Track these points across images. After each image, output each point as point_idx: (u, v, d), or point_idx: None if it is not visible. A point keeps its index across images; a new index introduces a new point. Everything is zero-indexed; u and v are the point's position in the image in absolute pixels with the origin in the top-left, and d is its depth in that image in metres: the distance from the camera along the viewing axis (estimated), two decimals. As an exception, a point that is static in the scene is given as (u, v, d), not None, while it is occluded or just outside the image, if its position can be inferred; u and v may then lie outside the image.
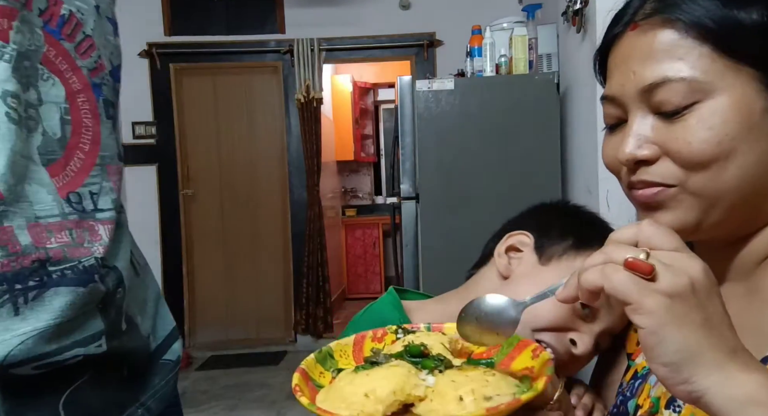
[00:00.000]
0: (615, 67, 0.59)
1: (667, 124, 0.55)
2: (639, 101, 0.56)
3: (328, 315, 4.55)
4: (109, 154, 0.65)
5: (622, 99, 0.57)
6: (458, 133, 2.74)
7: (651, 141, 0.56)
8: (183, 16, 4.47)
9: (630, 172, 0.58)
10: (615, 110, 0.60)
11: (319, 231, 4.51)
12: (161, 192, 4.52)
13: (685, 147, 0.53)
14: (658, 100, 0.54)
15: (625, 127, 0.58)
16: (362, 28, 4.45)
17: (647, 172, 0.56)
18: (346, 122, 6.17)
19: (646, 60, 0.55)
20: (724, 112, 0.52)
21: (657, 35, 0.55)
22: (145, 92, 4.47)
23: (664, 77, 0.53)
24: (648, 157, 0.56)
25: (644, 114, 0.56)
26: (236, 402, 3.51)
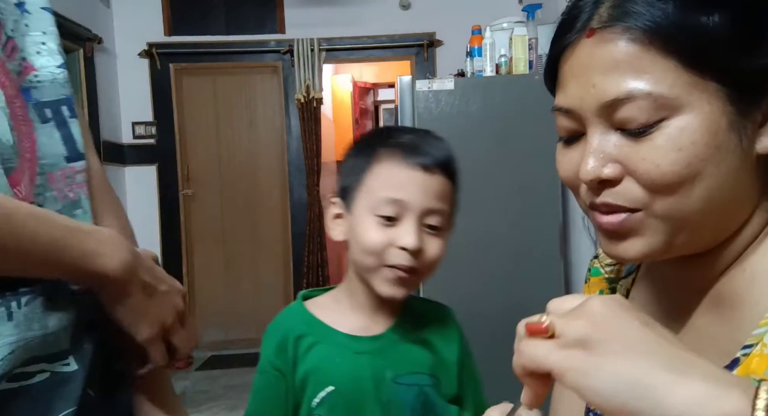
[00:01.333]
0: (571, 77, 0.53)
1: (631, 142, 0.50)
2: (599, 116, 0.51)
3: (328, 315, 4.54)
4: (50, 161, 0.60)
5: (580, 112, 0.53)
6: (458, 133, 2.74)
7: (614, 159, 0.51)
8: (183, 16, 4.47)
9: (592, 192, 0.53)
10: (570, 123, 0.55)
11: (319, 231, 4.51)
12: (161, 192, 4.52)
13: (653, 169, 0.49)
14: (621, 116, 0.50)
15: (583, 142, 0.54)
16: (362, 28, 4.45)
17: (611, 194, 0.52)
18: (346, 122, 6.17)
19: (607, 72, 0.50)
20: (693, 131, 0.49)
21: (618, 45, 0.50)
22: (145, 92, 4.47)
23: (628, 93, 0.49)
24: (612, 177, 0.51)
25: (605, 130, 0.52)
26: (236, 402, 3.51)
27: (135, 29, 4.42)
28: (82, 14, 3.92)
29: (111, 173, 4.25)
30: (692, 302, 0.57)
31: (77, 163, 0.63)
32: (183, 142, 4.54)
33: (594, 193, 0.53)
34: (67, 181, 0.61)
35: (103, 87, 4.17)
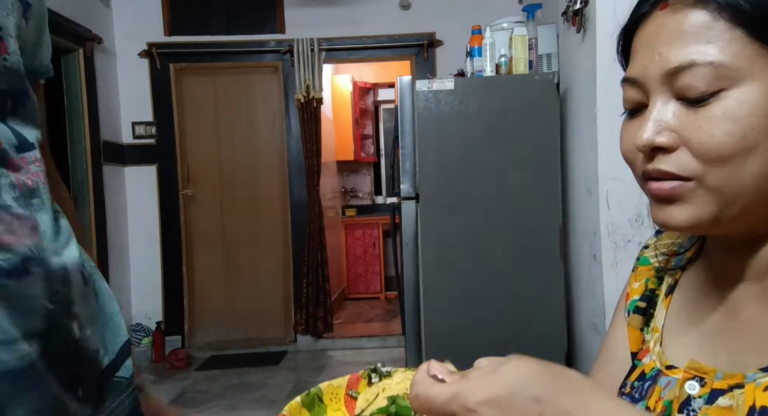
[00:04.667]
0: (640, 48, 0.55)
1: (689, 111, 0.51)
2: (662, 85, 0.53)
3: (328, 315, 4.55)
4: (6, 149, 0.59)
5: (645, 81, 0.54)
6: (458, 133, 2.74)
7: (671, 128, 0.52)
8: (183, 16, 4.47)
9: (646, 160, 0.54)
10: (636, 94, 0.56)
11: (319, 231, 4.50)
12: (161, 192, 4.51)
13: (708, 138, 0.50)
14: (682, 84, 0.51)
15: (645, 112, 0.55)
16: (362, 28, 4.45)
17: (664, 161, 0.53)
18: (346, 122, 6.17)
19: (673, 41, 0.52)
20: (751, 103, 0.49)
21: (687, 16, 0.51)
22: (145, 92, 4.47)
23: (691, 61, 0.50)
24: (666, 145, 0.52)
25: (666, 99, 0.53)
26: (236, 402, 3.51)
27: (135, 29, 4.42)
28: (82, 14, 3.92)
29: (111, 173, 4.25)
30: (741, 294, 0.57)
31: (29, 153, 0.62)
32: (183, 142, 4.54)
33: (647, 159, 0.54)
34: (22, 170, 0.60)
35: (103, 87, 4.17)
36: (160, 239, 4.52)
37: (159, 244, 4.52)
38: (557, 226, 2.73)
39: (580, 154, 2.55)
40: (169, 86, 4.48)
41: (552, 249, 2.71)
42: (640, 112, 0.56)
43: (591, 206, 2.36)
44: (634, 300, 0.70)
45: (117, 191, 4.34)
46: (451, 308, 2.76)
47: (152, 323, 4.43)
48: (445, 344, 2.72)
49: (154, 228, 4.51)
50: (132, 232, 4.48)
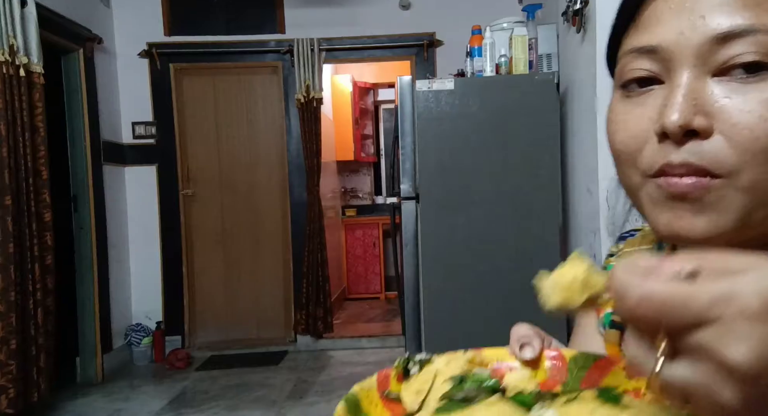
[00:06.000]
0: (669, 11, 0.44)
1: (733, 91, 0.42)
2: (697, 57, 0.43)
3: (328, 315, 4.55)
4: None
5: (674, 50, 0.43)
6: (458, 133, 2.74)
7: (706, 110, 0.42)
8: (183, 16, 4.47)
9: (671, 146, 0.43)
10: (652, 65, 0.45)
11: (319, 231, 4.50)
12: (161, 192, 4.51)
13: (759, 124, 0.40)
14: (730, 55, 0.41)
15: (660, 92, 0.45)
16: (362, 28, 4.45)
17: (695, 152, 0.42)
18: (346, 122, 6.17)
19: (723, 4, 0.42)
20: None
21: None
22: (145, 92, 4.47)
23: (750, 25, 0.41)
24: (703, 129, 0.42)
25: (699, 75, 0.43)
26: (236, 402, 3.51)
27: (135, 29, 4.42)
28: (82, 14, 3.92)
29: (111, 173, 4.25)
30: None
31: None
32: (183, 142, 4.54)
33: (675, 145, 0.43)
34: None
35: (103, 87, 4.17)
36: (160, 239, 4.52)
37: (159, 244, 4.52)
38: (557, 226, 2.73)
39: (580, 154, 2.55)
40: (169, 86, 4.48)
41: (552, 249, 2.71)
42: (648, 88, 0.46)
43: (591, 206, 2.36)
44: (608, 314, 0.64)
45: (117, 191, 4.34)
46: (451, 308, 2.76)
47: (152, 323, 4.43)
48: (446, 344, 2.72)
49: (154, 228, 4.51)
50: (132, 232, 4.48)
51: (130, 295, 4.48)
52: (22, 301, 3.10)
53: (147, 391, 3.78)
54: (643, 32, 0.46)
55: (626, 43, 0.48)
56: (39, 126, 3.28)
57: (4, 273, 3.00)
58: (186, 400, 3.58)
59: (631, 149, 0.46)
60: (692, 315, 0.27)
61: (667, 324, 0.28)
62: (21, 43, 3.14)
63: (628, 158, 0.47)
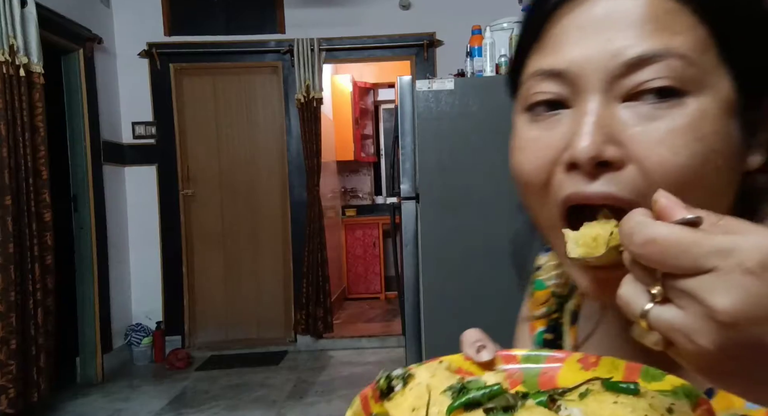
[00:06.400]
0: (576, 32, 0.42)
1: (644, 119, 0.40)
2: (606, 82, 0.40)
3: (328, 315, 4.55)
4: None
5: (583, 75, 0.41)
6: (458, 133, 2.74)
7: (617, 139, 0.40)
8: (183, 16, 4.47)
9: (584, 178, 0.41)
10: (558, 88, 0.43)
11: (319, 231, 4.51)
12: (161, 192, 4.51)
13: (671, 158, 0.39)
14: (640, 81, 0.40)
15: (568, 117, 0.42)
16: (362, 28, 4.45)
17: (613, 181, 0.40)
18: (346, 122, 6.17)
19: (632, 28, 0.40)
20: (714, 118, 0.40)
21: (644, 1, 0.41)
22: (145, 92, 4.47)
23: (661, 50, 0.39)
24: (616, 160, 0.40)
25: (608, 101, 0.41)
26: (236, 402, 3.51)
27: (135, 29, 4.42)
28: (82, 14, 3.92)
29: (111, 173, 4.25)
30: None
31: None
32: (183, 142, 4.54)
33: (586, 176, 0.40)
34: None
35: (103, 87, 4.17)
36: (160, 239, 4.52)
37: (159, 244, 4.52)
38: (557, 226, 2.73)
39: (580, 154, 2.55)
40: (169, 86, 4.49)
41: (552, 249, 2.71)
42: (555, 112, 0.43)
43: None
44: (540, 332, 0.62)
45: (117, 191, 4.34)
46: (451, 308, 2.76)
47: (152, 323, 4.43)
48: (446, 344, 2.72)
49: (154, 228, 4.51)
50: (132, 232, 4.48)
51: (130, 295, 4.48)
52: (22, 301, 3.10)
53: (147, 391, 3.78)
54: (550, 54, 0.43)
55: (531, 65, 0.45)
56: (39, 126, 3.28)
57: (4, 273, 3.00)
58: (186, 400, 3.58)
59: (540, 181, 0.44)
60: (691, 261, 0.28)
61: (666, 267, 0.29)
62: (21, 43, 3.14)
63: (537, 192, 0.44)
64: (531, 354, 0.46)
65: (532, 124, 0.44)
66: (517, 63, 0.47)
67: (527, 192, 0.46)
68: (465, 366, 0.45)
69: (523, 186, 0.45)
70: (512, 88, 0.49)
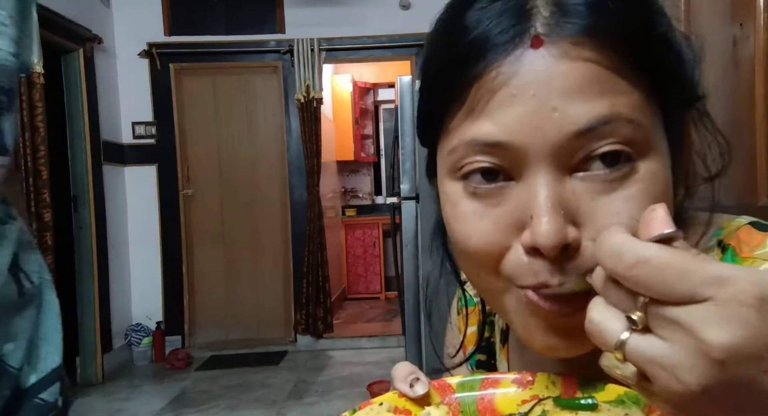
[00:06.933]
0: (509, 98, 0.38)
1: (595, 190, 0.37)
2: (554, 155, 0.37)
3: (328, 315, 4.55)
4: None
5: (526, 148, 0.37)
6: (458, 133, 2.74)
7: (574, 218, 0.37)
8: (183, 16, 4.47)
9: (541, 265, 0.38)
10: (500, 163, 0.39)
11: (319, 231, 4.51)
12: (161, 192, 4.52)
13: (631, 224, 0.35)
14: (591, 151, 0.37)
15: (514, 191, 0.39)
16: (362, 28, 4.45)
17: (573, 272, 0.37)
18: (346, 122, 6.17)
19: (573, 94, 0.37)
20: (663, 177, 0.39)
21: (582, 64, 0.37)
22: (145, 92, 4.47)
23: (610, 116, 0.36)
24: (575, 239, 0.37)
25: (557, 174, 0.38)
26: (236, 402, 3.51)
27: (135, 29, 4.42)
28: (82, 14, 3.92)
29: (111, 173, 4.25)
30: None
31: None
32: (183, 142, 4.54)
33: (551, 264, 0.37)
34: None
35: (103, 87, 4.17)
36: (160, 239, 4.52)
37: (159, 244, 4.52)
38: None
39: (580, 154, 2.55)
40: (169, 86, 4.49)
41: (552, 249, 2.71)
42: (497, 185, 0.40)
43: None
44: (473, 354, 0.60)
45: (117, 191, 4.34)
46: (451, 308, 2.76)
47: (152, 323, 4.43)
48: (445, 344, 2.72)
49: (154, 228, 4.51)
50: (132, 232, 4.48)
51: (130, 295, 4.48)
52: (22, 301, 3.09)
53: (147, 391, 3.78)
54: (483, 121, 0.39)
55: (460, 131, 0.40)
56: (39, 126, 3.28)
57: (4, 273, 3.00)
58: (186, 400, 3.58)
59: (492, 256, 0.40)
60: (686, 289, 0.26)
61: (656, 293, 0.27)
62: (21, 43, 3.14)
63: (487, 265, 0.41)
64: (465, 380, 0.44)
65: (472, 197, 0.41)
66: (433, 120, 0.43)
67: (471, 264, 0.42)
68: (401, 403, 0.43)
69: (467, 259, 0.42)
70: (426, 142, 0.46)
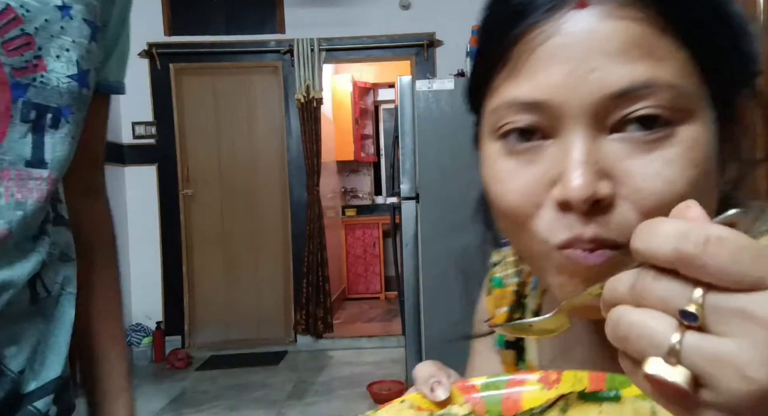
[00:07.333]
0: (551, 59, 0.39)
1: (634, 151, 0.38)
2: (592, 114, 0.38)
3: (328, 315, 4.55)
4: (11, 159, 0.59)
5: (565, 108, 0.38)
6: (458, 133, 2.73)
7: (608, 173, 0.38)
8: (183, 16, 4.47)
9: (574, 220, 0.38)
10: (538, 122, 0.40)
11: (319, 231, 4.51)
12: (161, 192, 4.52)
13: (667, 188, 0.37)
14: (628, 113, 0.37)
15: (548, 150, 0.40)
16: (362, 28, 4.45)
17: (607, 225, 0.38)
18: (346, 122, 6.17)
19: (615, 55, 0.37)
20: (705, 144, 0.38)
21: (628, 23, 0.37)
22: (145, 92, 4.47)
23: (648, 81, 0.37)
24: (608, 196, 0.37)
25: (593, 133, 0.38)
26: (236, 402, 3.51)
27: (135, 29, 4.32)
28: (82, 14, 3.92)
29: (111, 173, 4.23)
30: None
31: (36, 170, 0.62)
32: (183, 142, 4.54)
33: (580, 216, 0.38)
34: (20, 182, 0.60)
35: (103, 87, 4.17)
36: (160, 239, 4.53)
37: (159, 244, 4.53)
38: (557, 226, 2.73)
39: (580, 154, 2.55)
40: (169, 86, 4.49)
41: (552, 249, 2.72)
42: (534, 143, 0.41)
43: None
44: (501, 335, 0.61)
45: (117, 191, 4.34)
46: (451, 308, 2.76)
47: (152, 323, 4.44)
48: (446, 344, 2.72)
49: (154, 228, 4.51)
50: (132, 232, 4.48)
51: (130, 295, 4.48)
52: (22, 301, 3.09)
53: (147, 391, 3.78)
54: (523, 82, 0.40)
55: (501, 91, 0.41)
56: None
57: (4, 273, 3.00)
58: (186, 400, 3.59)
59: (525, 214, 0.41)
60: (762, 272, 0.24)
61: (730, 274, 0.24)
62: (21, 43, 3.14)
63: (522, 224, 0.41)
64: (490, 381, 0.44)
65: (509, 155, 0.42)
66: (480, 82, 0.44)
67: (508, 222, 0.43)
68: (424, 404, 0.43)
69: (507, 218, 0.43)
70: (474, 106, 0.47)
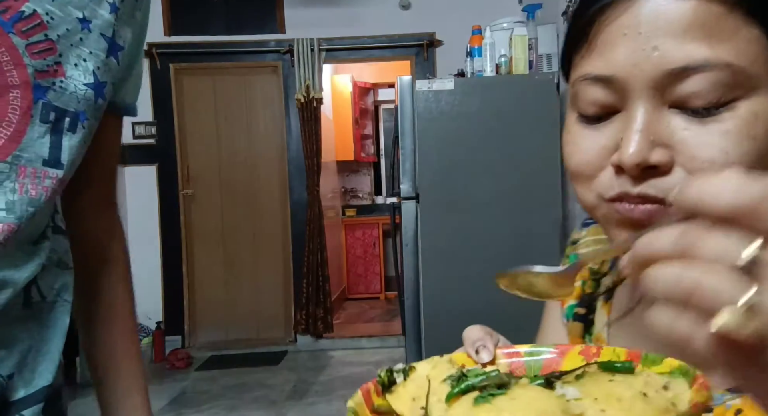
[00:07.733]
0: (620, 38, 0.42)
1: (692, 124, 0.41)
2: (654, 89, 0.41)
3: (328, 315, 4.55)
4: (29, 156, 0.61)
5: (628, 82, 0.42)
6: (458, 133, 2.74)
7: (665, 143, 0.41)
8: (183, 16, 4.47)
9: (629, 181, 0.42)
10: (606, 96, 0.44)
11: (319, 231, 4.51)
12: (161, 192, 4.52)
13: (721, 157, 0.39)
14: (687, 91, 0.40)
15: (616, 121, 0.44)
16: (362, 28, 4.45)
17: (656, 186, 0.41)
18: (346, 122, 6.17)
19: (677, 35, 0.40)
20: (766, 120, 0.40)
21: (694, 4, 0.40)
22: (145, 92, 4.47)
23: (704, 61, 0.39)
24: (662, 164, 0.41)
25: (656, 107, 0.42)
26: (236, 402, 3.51)
27: (135, 29, 4.41)
28: (82, 14, 3.92)
29: (111, 173, 4.24)
30: None
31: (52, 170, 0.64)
32: (183, 142, 4.54)
33: (634, 181, 0.42)
34: (36, 180, 0.62)
35: (103, 87, 4.17)
36: (160, 239, 4.52)
37: (159, 244, 4.52)
38: (557, 226, 2.73)
39: (580, 153, 2.55)
40: (169, 86, 4.49)
41: (552, 248, 2.71)
42: (603, 119, 0.45)
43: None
44: (571, 306, 0.63)
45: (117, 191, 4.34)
46: (451, 308, 2.76)
47: (152, 323, 4.43)
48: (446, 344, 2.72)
49: (154, 228, 4.51)
50: (132, 232, 4.45)
51: (130, 295, 4.48)
52: (22, 301, 3.09)
53: (147, 391, 3.78)
54: (597, 57, 0.44)
55: (580, 65, 0.46)
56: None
57: (4, 273, 3.00)
58: (186, 400, 3.59)
59: (587, 173, 0.46)
60: None
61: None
62: (21, 43, 3.14)
63: (584, 180, 0.47)
64: (534, 349, 0.47)
65: (583, 123, 0.47)
66: (565, 58, 0.50)
67: (575, 181, 0.48)
68: (468, 363, 0.46)
69: (572, 176, 0.48)
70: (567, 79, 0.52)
